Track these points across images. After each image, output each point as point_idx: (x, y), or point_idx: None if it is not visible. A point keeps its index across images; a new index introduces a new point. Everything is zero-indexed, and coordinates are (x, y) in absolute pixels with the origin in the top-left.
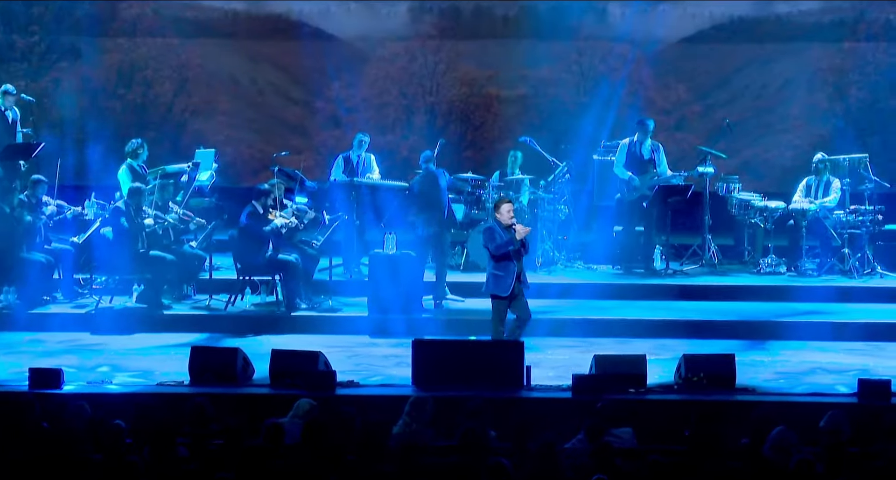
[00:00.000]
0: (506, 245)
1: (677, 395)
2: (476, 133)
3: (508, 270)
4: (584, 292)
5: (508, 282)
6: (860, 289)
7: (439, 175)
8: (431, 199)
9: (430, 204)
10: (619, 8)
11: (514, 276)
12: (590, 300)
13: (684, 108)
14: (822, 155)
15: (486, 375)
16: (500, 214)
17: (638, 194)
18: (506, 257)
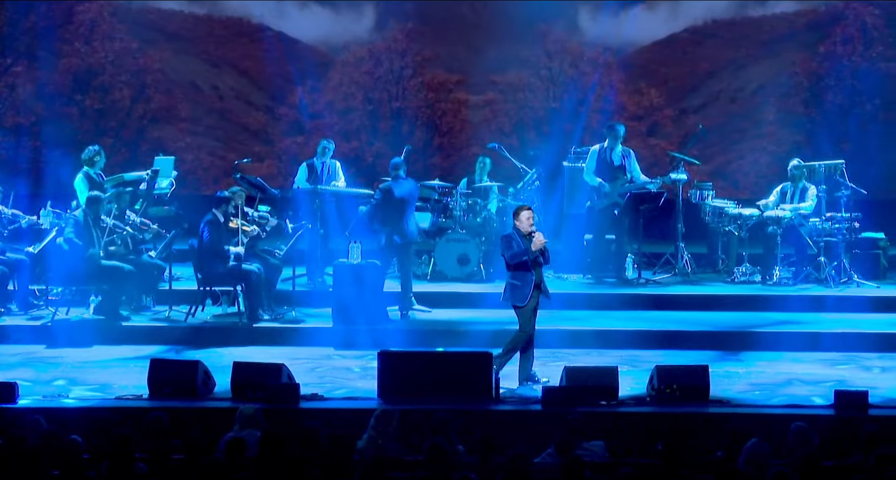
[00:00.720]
0: (521, 255)
1: (650, 407)
2: (443, 139)
3: (525, 279)
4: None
5: (526, 292)
6: (836, 298)
7: (408, 184)
8: (399, 208)
9: (398, 213)
10: (590, 11)
11: (531, 285)
12: (560, 310)
13: (657, 113)
14: (798, 161)
15: (454, 387)
16: (520, 221)
17: (608, 202)
18: (523, 267)
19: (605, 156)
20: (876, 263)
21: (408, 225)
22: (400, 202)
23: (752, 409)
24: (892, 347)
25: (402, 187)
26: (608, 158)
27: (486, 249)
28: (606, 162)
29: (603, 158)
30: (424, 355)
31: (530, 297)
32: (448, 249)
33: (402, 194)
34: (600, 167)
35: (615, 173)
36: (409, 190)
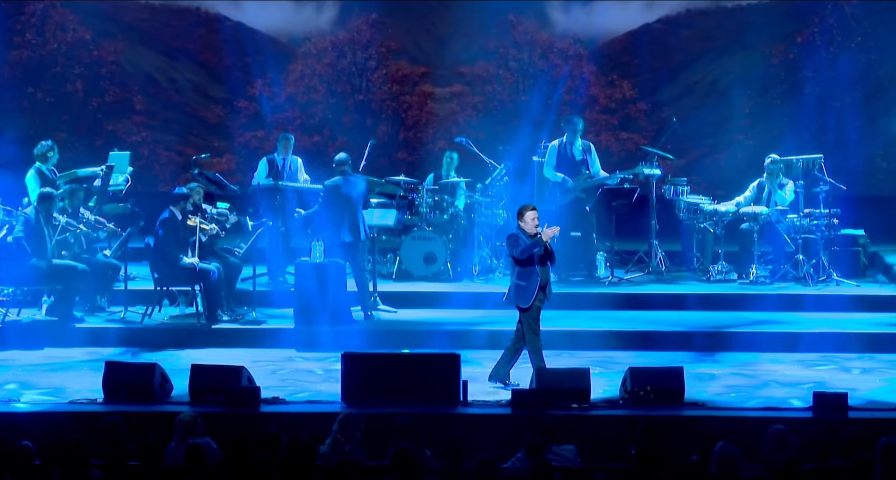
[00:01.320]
0: (531, 247)
1: (623, 410)
2: (409, 133)
3: (532, 279)
4: None
5: (531, 291)
6: (815, 297)
7: (355, 180)
8: (347, 206)
9: (346, 211)
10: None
11: (537, 285)
12: None
13: (629, 106)
14: (775, 156)
15: (421, 390)
16: (524, 222)
17: (572, 197)
18: (530, 266)
19: (565, 151)
20: (855, 260)
21: (357, 223)
22: (347, 200)
23: (728, 412)
24: (873, 347)
25: (349, 184)
26: (568, 152)
27: (454, 247)
28: (567, 157)
29: (563, 153)
30: (390, 357)
31: (535, 298)
32: (414, 247)
33: (349, 191)
34: (561, 163)
35: (576, 168)
36: (357, 187)
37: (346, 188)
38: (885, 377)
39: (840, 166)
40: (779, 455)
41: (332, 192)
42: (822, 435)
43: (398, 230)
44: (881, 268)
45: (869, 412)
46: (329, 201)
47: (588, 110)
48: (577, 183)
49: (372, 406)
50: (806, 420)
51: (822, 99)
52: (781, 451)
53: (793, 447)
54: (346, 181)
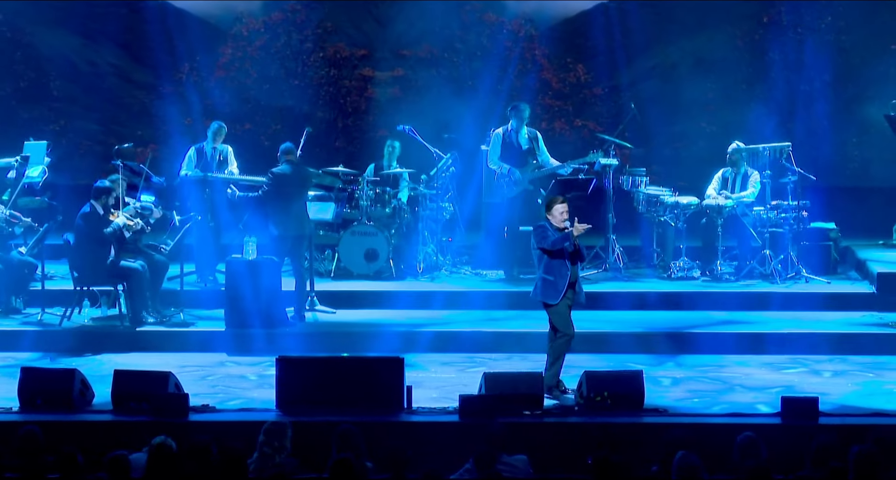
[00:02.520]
0: (562, 241)
1: (578, 417)
2: (348, 121)
3: (560, 273)
4: (472, 302)
5: (560, 287)
6: (783, 295)
7: (302, 171)
8: (290, 198)
9: (289, 204)
10: None
11: (566, 281)
12: (479, 311)
13: (584, 91)
14: (738, 144)
15: (362, 397)
16: (552, 215)
17: (520, 189)
18: (559, 259)
19: (510, 139)
20: (826, 256)
21: (301, 216)
22: (291, 191)
23: (691, 418)
24: (845, 349)
25: (295, 174)
26: (514, 141)
27: (396, 243)
28: (513, 146)
29: (509, 142)
30: (328, 361)
31: (564, 295)
32: (354, 243)
33: (294, 181)
34: (506, 152)
35: (523, 158)
36: (302, 177)
37: (293, 178)
38: (857, 381)
39: (809, 155)
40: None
41: (281, 181)
42: (791, 443)
43: (337, 225)
44: (853, 264)
45: (841, 418)
46: (275, 190)
47: (540, 96)
48: (524, 174)
49: (309, 414)
50: (774, 426)
51: (790, 83)
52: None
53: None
54: (295, 170)
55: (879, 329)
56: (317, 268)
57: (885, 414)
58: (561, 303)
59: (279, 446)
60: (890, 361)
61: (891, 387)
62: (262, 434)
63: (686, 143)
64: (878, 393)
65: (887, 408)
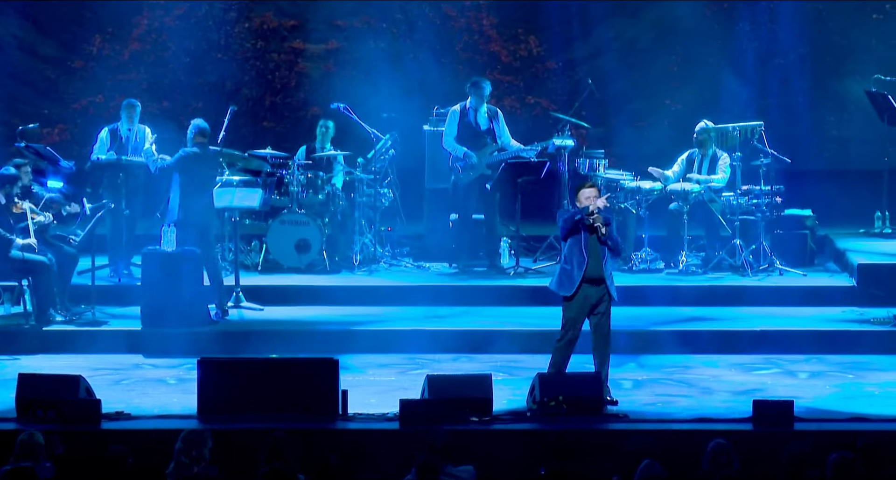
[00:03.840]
0: (572, 216)
1: (530, 424)
2: (276, 98)
3: (574, 262)
4: (414, 297)
5: (575, 277)
6: (755, 289)
7: (212, 154)
8: (199, 183)
9: (198, 190)
10: None
11: (583, 271)
12: (421, 307)
13: (536, 65)
14: (706, 123)
15: (293, 402)
16: (579, 201)
17: (476, 174)
18: (576, 247)
19: (468, 118)
20: (802, 246)
21: (206, 203)
22: (198, 176)
23: (654, 424)
24: (822, 348)
25: (207, 157)
26: (473, 120)
27: (330, 232)
28: (471, 126)
29: (466, 122)
30: (255, 363)
31: (578, 287)
32: (283, 233)
33: (206, 165)
34: (463, 132)
35: (482, 139)
36: (214, 162)
37: (203, 162)
38: (836, 383)
39: (784, 135)
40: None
41: (188, 164)
42: (764, 451)
43: (264, 213)
44: (832, 255)
45: (818, 424)
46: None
47: (488, 70)
48: (482, 157)
49: (234, 422)
50: (745, 432)
51: (762, 56)
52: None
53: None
54: (204, 154)
55: (860, 326)
56: (242, 261)
57: (866, 419)
58: (576, 298)
59: (197, 455)
60: (871, 361)
61: (872, 390)
62: (180, 443)
63: (649, 122)
64: (858, 396)
65: (868, 412)
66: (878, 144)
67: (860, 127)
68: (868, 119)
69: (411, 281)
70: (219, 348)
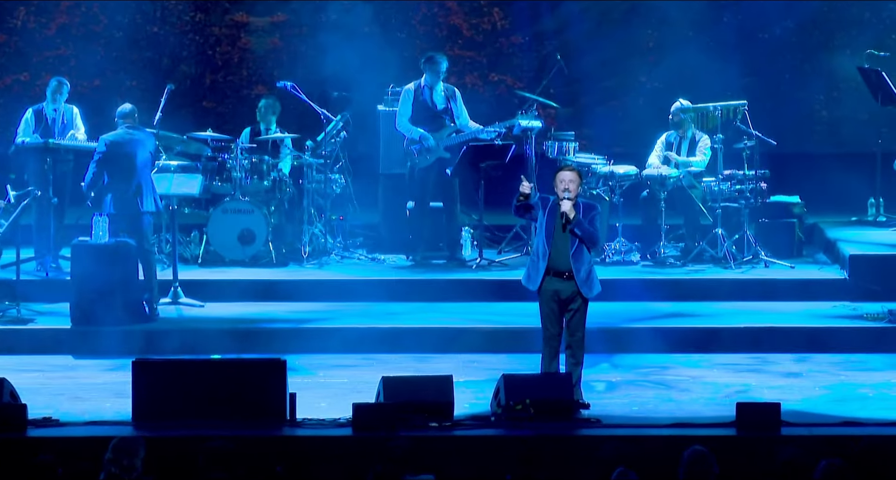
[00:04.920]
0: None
1: (495, 430)
2: (217, 76)
3: (540, 252)
4: (367, 292)
5: (539, 269)
6: (738, 283)
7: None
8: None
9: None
10: None
11: (546, 262)
12: (376, 303)
13: (501, 39)
14: (683, 102)
15: (236, 407)
16: (555, 184)
17: (434, 158)
18: (541, 236)
19: (423, 97)
20: (789, 235)
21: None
22: (130, 160)
23: (629, 429)
24: (811, 346)
25: (134, 141)
26: (428, 100)
27: (277, 222)
28: (426, 106)
29: (421, 101)
30: (195, 364)
31: (543, 280)
32: (226, 222)
33: (133, 150)
34: (418, 113)
35: (439, 120)
36: (142, 145)
37: (129, 146)
38: (826, 383)
39: (769, 115)
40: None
41: (112, 150)
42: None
43: (205, 201)
44: (822, 245)
45: (807, 428)
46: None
47: (448, 45)
48: (439, 139)
49: (172, 428)
50: (727, 438)
51: (745, 30)
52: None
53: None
54: (130, 137)
55: (852, 322)
56: (181, 253)
57: (859, 423)
58: (543, 291)
59: (129, 465)
60: (864, 360)
61: (865, 391)
62: (109, 452)
63: (622, 101)
64: (850, 398)
65: (861, 416)
66: (870, 125)
67: (852, 107)
68: (860, 98)
69: (365, 275)
70: (155, 348)
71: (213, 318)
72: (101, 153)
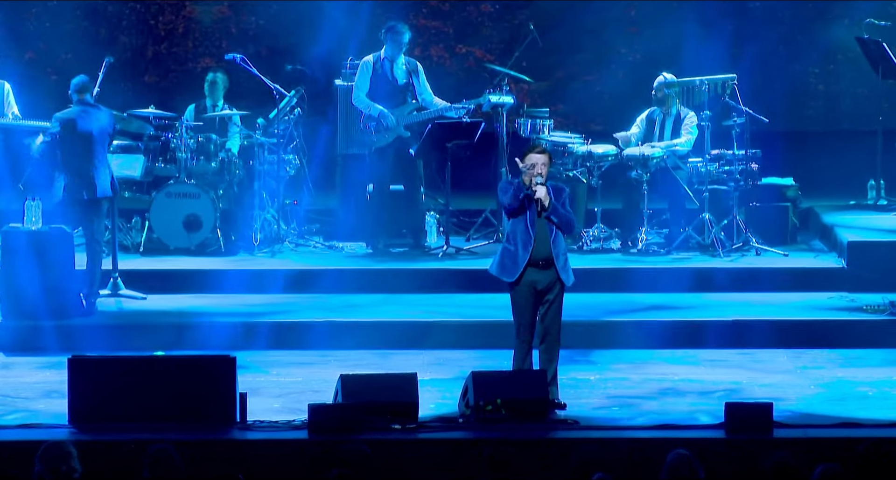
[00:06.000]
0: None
1: (463, 432)
2: (160, 47)
3: (520, 240)
4: (325, 284)
5: (520, 260)
6: (727, 272)
7: (99, 114)
8: (86, 149)
9: (84, 157)
10: None
11: (529, 253)
12: (333, 295)
13: (468, 8)
14: (667, 76)
15: (181, 408)
16: (524, 165)
17: (392, 136)
18: (521, 226)
19: (382, 70)
20: (782, 220)
21: (97, 174)
22: (87, 141)
23: (609, 432)
24: (807, 340)
25: (90, 118)
26: (388, 73)
27: (225, 207)
28: (386, 80)
29: (380, 74)
30: (137, 362)
31: (523, 271)
32: (170, 207)
33: (89, 128)
34: (377, 87)
35: (400, 96)
36: (99, 124)
37: (85, 124)
38: (823, 381)
39: (761, 91)
40: None
41: (67, 128)
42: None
43: (147, 184)
44: (818, 231)
45: (801, 430)
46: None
47: (412, 14)
48: (400, 117)
49: (111, 431)
50: (715, 441)
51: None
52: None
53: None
54: (86, 114)
55: (851, 315)
56: (121, 241)
57: (859, 425)
58: (522, 287)
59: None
60: (864, 355)
61: (865, 389)
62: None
63: (601, 75)
64: (848, 397)
65: (861, 416)
66: (870, 101)
67: (850, 80)
68: (859, 71)
69: (321, 264)
70: (94, 344)
71: (156, 311)
72: (54, 134)
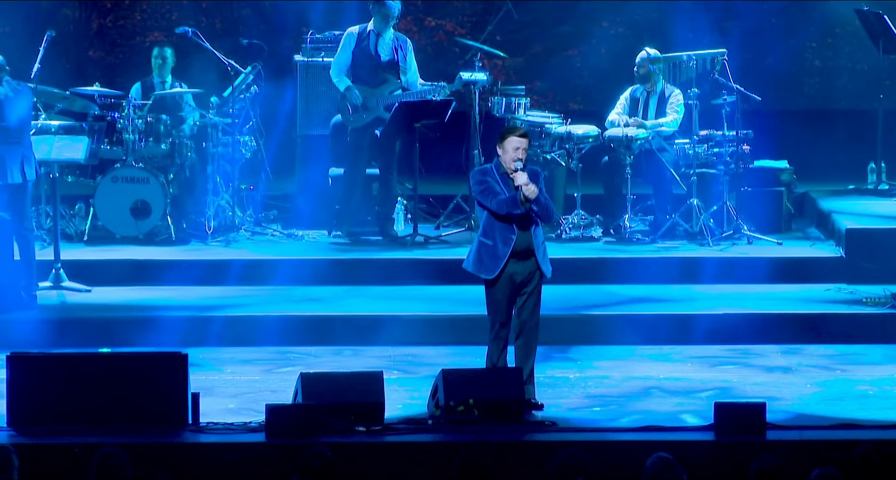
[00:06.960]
0: (511, 205)
1: (433, 435)
2: (106, 20)
3: (499, 234)
4: (284, 275)
5: (500, 254)
6: (717, 262)
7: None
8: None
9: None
10: None
11: (510, 248)
12: (293, 287)
13: None
14: (651, 51)
15: (129, 409)
16: (504, 150)
17: (372, 117)
18: (504, 221)
19: (366, 44)
20: (776, 206)
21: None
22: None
23: (589, 434)
24: (802, 335)
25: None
26: (372, 48)
27: (176, 192)
28: (369, 55)
29: (363, 48)
30: (81, 359)
31: (504, 267)
32: (116, 193)
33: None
34: (359, 64)
35: (380, 74)
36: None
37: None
38: (819, 379)
39: (753, 67)
40: None
41: None
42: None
43: (91, 168)
44: (814, 218)
45: (796, 432)
46: None
47: None
48: (379, 97)
49: (54, 434)
50: (704, 443)
51: None
52: None
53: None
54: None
55: (850, 308)
56: (64, 229)
57: (858, 426)
58: (500, 281)
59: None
60: (863, 351)
61: (865, 388)
62: None
63: (581, 50)
64: (846, 396)
65: (860, 417)
66: (870, 78)
67: (848, 55)
68: (859, 46)
69: (280, 254)
70: (34, 340)
71: (102, 305)
72: None
